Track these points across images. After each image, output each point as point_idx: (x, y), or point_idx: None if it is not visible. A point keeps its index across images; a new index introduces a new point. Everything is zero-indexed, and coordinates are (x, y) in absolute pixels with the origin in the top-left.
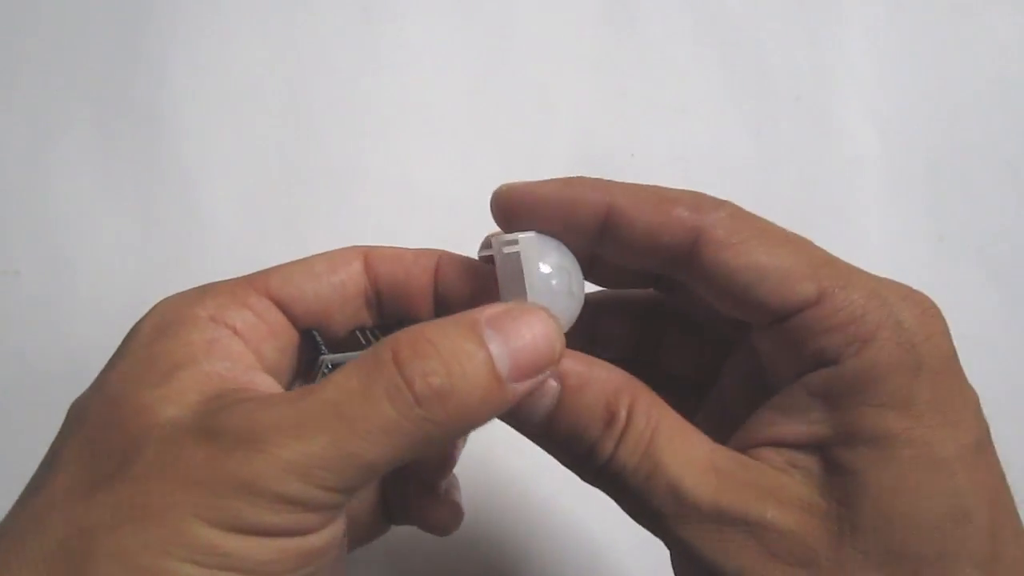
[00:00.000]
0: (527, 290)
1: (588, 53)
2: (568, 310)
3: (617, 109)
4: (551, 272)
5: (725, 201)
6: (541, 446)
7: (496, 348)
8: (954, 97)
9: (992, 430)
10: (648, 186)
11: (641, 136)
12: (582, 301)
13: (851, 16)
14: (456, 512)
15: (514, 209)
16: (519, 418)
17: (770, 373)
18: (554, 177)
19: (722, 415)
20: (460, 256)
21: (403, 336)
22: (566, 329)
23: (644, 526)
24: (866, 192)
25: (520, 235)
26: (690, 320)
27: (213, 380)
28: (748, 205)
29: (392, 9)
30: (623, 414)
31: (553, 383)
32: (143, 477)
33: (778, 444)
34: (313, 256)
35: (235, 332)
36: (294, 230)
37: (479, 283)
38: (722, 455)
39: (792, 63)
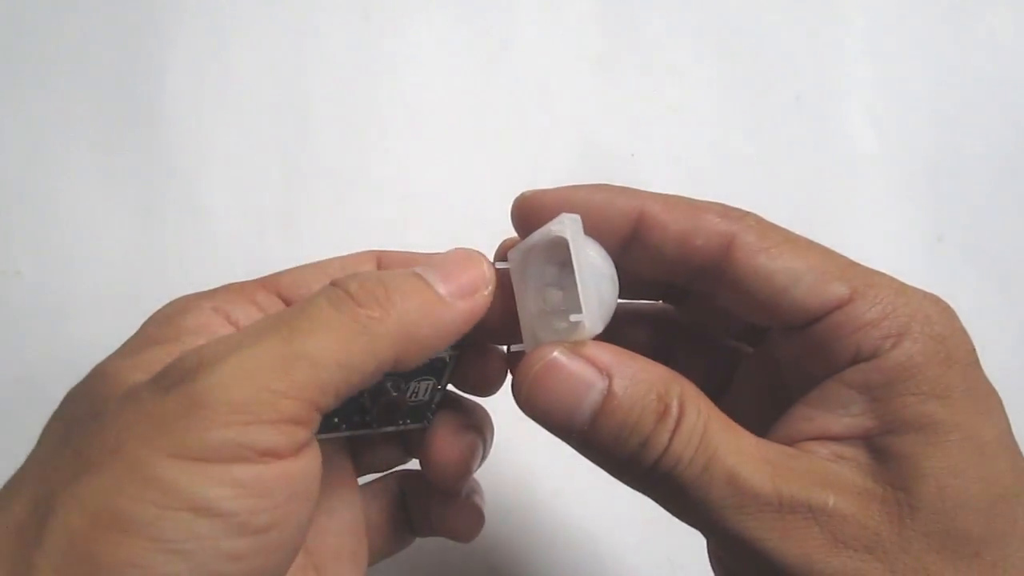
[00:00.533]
0: (575, 266)
1: (588, 53)
2: (611, 296)
3: (617, 109)
4: (596, 252)
5: (749, 211)
6: (584, 451)
7: (425, 273)
8: (954, 97)
9: None
10: (675, 195)
11: (641, 136)
12: (618, 293)
13: (851, 16)
14: (478, 516)
15: (544, 215)
16: (563, 420)
17: (791, 376)
18: (570, 182)
19: None
20: None
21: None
22: (609, 318)
23: (693, 523)
24: (866, 192)
25: (565, 215)
26: (700, 332)
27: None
28: (748, 205)
29: (392, 10)
30: (675, 406)
31: (598, 379)
32: (100, 432)
33: (821, 438)
34: (328, 259)
35: (235, 324)
36: (294, 230)
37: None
38: (769, 447)
39: (792, 63)
